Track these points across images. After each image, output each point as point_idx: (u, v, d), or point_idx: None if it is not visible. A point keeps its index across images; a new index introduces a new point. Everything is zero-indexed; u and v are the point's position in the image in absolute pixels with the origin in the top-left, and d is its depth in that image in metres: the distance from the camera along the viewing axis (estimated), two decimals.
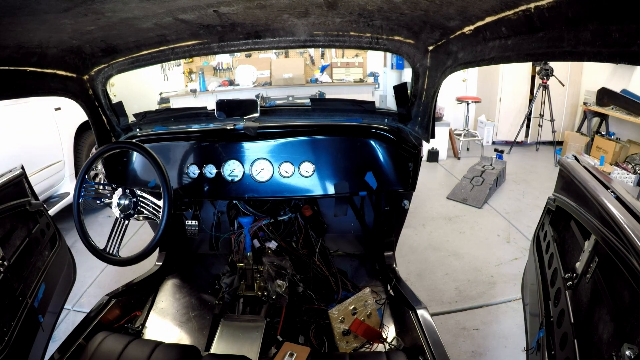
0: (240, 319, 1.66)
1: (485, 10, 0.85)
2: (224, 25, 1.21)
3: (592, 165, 1.28)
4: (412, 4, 0.97)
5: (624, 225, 0.83)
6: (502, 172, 4.14)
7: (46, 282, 1.47)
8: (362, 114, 1.79)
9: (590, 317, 0.93)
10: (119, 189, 1.43)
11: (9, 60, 1.04)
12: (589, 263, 0.99)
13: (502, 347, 1.91)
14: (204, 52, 1.45)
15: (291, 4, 1.04)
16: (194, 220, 2.02)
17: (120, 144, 1.53)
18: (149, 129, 1.79)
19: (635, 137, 4.51)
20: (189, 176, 1.60)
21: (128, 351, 1.17)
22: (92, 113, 1.60)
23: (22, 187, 1.49)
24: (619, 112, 4.52)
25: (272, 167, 1.56)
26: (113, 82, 1.61)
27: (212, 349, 1.52)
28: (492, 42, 0.94)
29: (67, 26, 0.98)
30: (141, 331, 1.72)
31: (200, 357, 1.21)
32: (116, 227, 1.42)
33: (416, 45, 1.33)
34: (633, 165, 4.22)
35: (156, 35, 1.25)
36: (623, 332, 0.77)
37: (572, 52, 0.67)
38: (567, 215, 1.23)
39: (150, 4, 0.92)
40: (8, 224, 1.35)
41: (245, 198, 1.63)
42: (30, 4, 0.77)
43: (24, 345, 1.28)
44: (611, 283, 0.87)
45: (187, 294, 1.98)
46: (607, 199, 0.97)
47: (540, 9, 0.69)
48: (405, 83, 1.63)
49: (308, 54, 5.83)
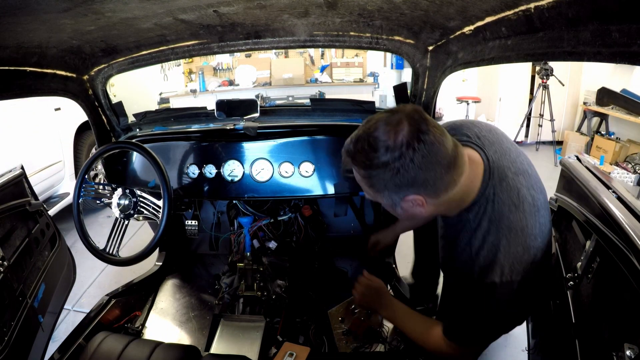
0: (240, 319, 1.66)
1: (485, 10, 0.85)
2: (224, 25, 1.21)
3: (593, 165, 1.28)
4: (412, 4, 0.97)
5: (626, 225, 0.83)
6: None
7: (46, 282, 1.47)
8: (362, 114, 1.79)
9: (591, 317, 0.93)
10: (119, 189, 1.43)
11: (9, 60, 1.04)
12: (591, 263, 0.99)
13: (502, 347, 1.91)
14: (204, 52, 1.45)
15: (291, 4, 1.04)
16: (194, 220, 2.02)
17: (120, 144, 1.53)
18: (149, 129, 1.79)
19: (635, 136, 4.51)
20: (189, 176, 1.60)
21: (128, 351, 1.17)
22: (92, 113, 1.60)
23: (22, 187, 1.49)
24: (619, 111, 4.51)
25: (272, 167, 1.56)
26: (113, 82, 1.61)
27: (212, 349, 1.52)
28: (492, 42, 0.95)
29: (67, 26, 0.98)
30: (141, 331, 1.72)
31: (200, 357, 1.21)
32: (116, 227, 1.42)
33: (416, 45, 1.33)
34: (633, 164, 4.22)
35: (156, 35, 1.25)
36: (624, 332, 0.77)
37: (572, 52, 0.67)
38: (569, 215, 1.23)
39: (150, 4, 0.92)
40: (8, 224, 1.35)
41: (245, 198, 1.63)
42: (30, 4, 0.77)
43: (24, 345, 1.28)
44: (612, 283, 0.87)
45: (187, 294, 1.97)
46: (608, 198, 0.97)
47: (540, 9, 0.69)
48: (405, 83, 1.63)
49: (308, 54, 5.83)
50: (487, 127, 0.99)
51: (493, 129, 0.99)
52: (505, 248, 0.86)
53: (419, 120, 0.76)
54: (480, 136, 0.95)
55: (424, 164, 0.76)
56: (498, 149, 0.93)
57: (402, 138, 0.75)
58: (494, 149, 0.93)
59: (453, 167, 0.81)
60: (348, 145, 0.83)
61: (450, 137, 0.81)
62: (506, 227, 0.86)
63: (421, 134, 0.75)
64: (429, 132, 0.76)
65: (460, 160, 0.82)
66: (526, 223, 0.87)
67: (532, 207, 0.89)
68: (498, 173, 0.89)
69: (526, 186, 0.90)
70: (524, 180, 0.91)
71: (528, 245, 0.86)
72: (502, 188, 0.88)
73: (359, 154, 0.79)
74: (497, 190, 0.88)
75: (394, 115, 0.78)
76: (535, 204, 0.90)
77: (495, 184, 0.88)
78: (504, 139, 0.98)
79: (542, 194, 0.95)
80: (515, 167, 0.92)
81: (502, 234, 0.86)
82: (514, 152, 0.96)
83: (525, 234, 0.86)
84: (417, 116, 0.77)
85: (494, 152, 0.92)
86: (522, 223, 0.86)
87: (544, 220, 0.91)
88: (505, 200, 0.87)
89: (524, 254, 0.86)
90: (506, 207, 0.87)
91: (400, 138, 0.75)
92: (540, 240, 0.88)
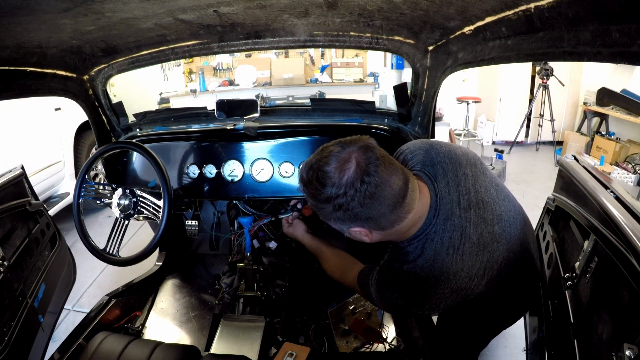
0: (240, 319, 1.66)
1: (485, 10, 0.86)
2: (224, 25, 1.21)
3: (591, 165, 1.28)
4: (412, 4, 0.97)
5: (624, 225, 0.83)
6: (502, 172, 4.14)
7: (46, 282, 1.47)
8: (362, 114, 1.79)
9: (590, 317, 0.93)
10: (119, 189, 1.43)
11: (9, 60, 1.04)
12: (589, 263, 0.99)
13: (502, 347, 1.91)
14: (204, 52, 1.45)
15: (291, 4, 1.04)
16: (194, 220, 2.02)
17: (120, 144, 1.53)
18: (149, 129, 1.79)
19: (635, 137, 4.51)
20: (189, 176, 1.60)
21: (128, 351, 1.17)
22: (92, 113, 1.60)
23: (22, 187, 1.49)
24: (619, 111, 4.51)
25: (272, 167, 1.56)
26: (113, 82, 1.61)
27: (212, 349, 1.52)
28: (492, 42, 0.95)
29: (67, 26, 0.98)
30: (141, 331, 1.72)
31: (200, 357, 1.21)
32: (116, 227, 1.42)
33: (416, 45, 1.33)
34: (633, 165, 4.22)
35: (156, 35, 1.25)
36: (623, 332, 0.77)
37: (572, 52, 0.67)
38: (567, 215, 1.23)
39: (150, 4, 0.92)
40: (8, 224, 1.35)
41: (245, 198, 1.63)
42: (30, 4, 0.77)
43: (24, 345, 1.28)
44: (611, 283, 0.87)
45: (187, 294, 1.98)
46: (606, 198, 0.97)
47: (540, 9, 0.69)
48: (405, 83, 1.63)
49: (308, 54, 5.82)
50: (446, 151, 0.97)
51: (453, 152, 0.98)
52: (432, 287, 0.89)
53: (367, 160, 0.78)
54: (436, 163, 0.94)
55: (367, 204, 0.78)
56: (452, 179, 0.93)
57: (347, 178, 0.77)
58: (447, 179, 0.93)
59: (400, 206, 0.82)
60: (302, 172, 0.85)
61: (401, 173, 0.82)
62: (439, 268, 0.88)
63: (366, 176, 0.77)
64: (376, 173, 0.77)
65: (409, 197, 0.83)
66: (462, 267, 0.89)
67: (477, 246, 0.90)
68: (444, 211, 0.90)
69: (475, 222, 0.91)
70: (475, 214, 0.92)
71: (459, 288, 0.89)
72: (445, 228, 0.89)
73: (309, 184, 0.82)
74: (439, 229, 0.89)
75: (345, 151, 0.80)
76: (482, 241, 0.91)
77: (439, 222, 0.89)
78: (464, 161, 0.97)
79: (499, 223, 0.95)
80: (468, 198, 0.92)
81: (432, 274, 0.89)
82: (471, 178, 0.95)
83: (458, 278, 0.89)
84: (366, 155, 0.79)
85: (445, 184, 0.92)
86: (457, 267, 0.89)
87: (494, 255, 0.93)
88: (445, 241, 0.89)
89: (451, 296, 0.90)
90: (444, 248, 0.89)
91: (345, 178, 0.77)
92: (480, 279, 0.92)
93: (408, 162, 0.98)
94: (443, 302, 0.91)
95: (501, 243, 0.95)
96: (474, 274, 0.90)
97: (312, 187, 0.82)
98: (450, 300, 0.91)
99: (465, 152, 1.00)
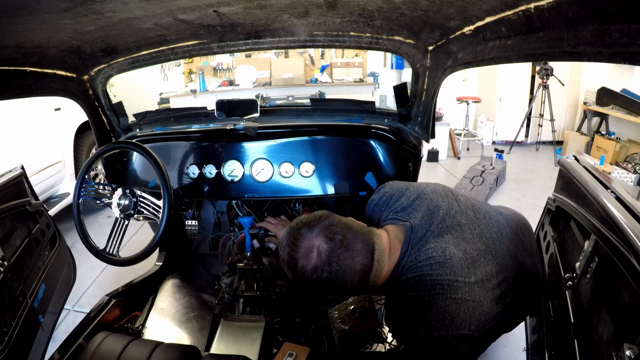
0: (240, 319, 1.66)
1: (485, 10, 0.85)
2: (224, 25, 1.21)
3: (592, 165, 1.28)
4: (412, 4, 0.97)
5: (624, 225, 0.83)
6: (502, 172, 4.14)
7: (46, 282, 1.47)
8: (362, 114, 1.79)
9: (590, 317, 0.93)
10: (119, 189, 1.43)
11: (9, 60, 1.04)
12: (589, 263, 0.99)
13: (502, 347, 1.91)
14: (204, 52, 1.45)
15: (291, 4, 1.04)
16: (194, 221, 2.02)
17: (120, 144, 1.53)
18: (149, 129, 1.79)
19: (635, 136, 4.51)
20: (189, 176, 1.60)
21: (128, 351, 1.17)
22: (92, 113, 1.60)
23: (22, 187, 1.49)
24: (619, 111, 4.51)
25: (272, 167, 1.56)
26: (113, 82, 1.61)
27: (212, 349, 1.52)
28: (492, 42, 0.95)
29: (67, 26, 0.98)
30: (141, 331, 1.72)
31: (200, 357, 1.21)
32: (116, 227, 1.42)
33: (416, 45, 1.33)
34: (633, 164, 4.22)
35: (156, 35, 1.25)
36: (623, 332, 0.77)
37: (572, 52, 0.67)
38: (567, 215, 1.23)
39: (150, 4, 0.92)
40: (8, 224, 1.35)
41: (245, 198, 1.63)
42: (30, 4, 0.77)
43: (24, 345, 1.28)
44: (611, 283, 0.87)
45: (187, 294, 1.98)
46: (607, 199, 0.97)
47: (540, 9, 0.69)
48: (405, 83, 1.63)
49: (308, 54, 5.82)
50: (415, 195, 1.06)
51: (422, 192, 1.06)
52: (429, 302, 0.91)
53: (329, 250, 0.88)
54: (407, 206, 1.04)
55: (333, 285, 0.89)
56: (425, 213, 1.01)
57: (312, 266, 0.88)
58: (421, 214, 1.01)
59: (366, 278, 0.91)
60: (280, 250, 0.95)
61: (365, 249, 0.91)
62: (429, 283, 0.91)
63: (327, 266, 0.87)
64: (337, 263, 0.87)
65: (375, 267, 0.92)
66: (455, 278, 0.91)
67: (465, 261, 0.93)
68: (418, 242, 0.96)
69: (455, 242, 0.96)
70: (452, 236, 0.97)
71: (463, 298, 0.91)
72: (420, 252, 0.95)
73: (284, 264, 0.94)
74: (415, 255, 0.95)
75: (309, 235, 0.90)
76: (469, 256, 0.95)
77: (413, 253, 0.96)
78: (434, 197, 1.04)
79: (481, 240, 0.99)
80: (443, 225, 0.98)
81: (425, 290, 0.92)
82: (445, 208, 1.02)
83: (455, 287, 0.91)
84: (327, 245, 0.88)
85: (420, 218, 0.99)
86: (450, 278, 0.91)
87: (487, 269, 0.96)
88: (426, 262, 0.94)
89: (462, 307, 0.91)
90: (427, 266, 0.93)
91: (310, 267, 0.88)
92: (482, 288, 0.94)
93: (383, 212, 1.09)
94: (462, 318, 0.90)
95: (488, 258, 0.98)
96: (473, 282, 0.92)
97: (286, 267, 0.93)
98: (467, 314, 0.90)
99: (434, 189, 1.09)
